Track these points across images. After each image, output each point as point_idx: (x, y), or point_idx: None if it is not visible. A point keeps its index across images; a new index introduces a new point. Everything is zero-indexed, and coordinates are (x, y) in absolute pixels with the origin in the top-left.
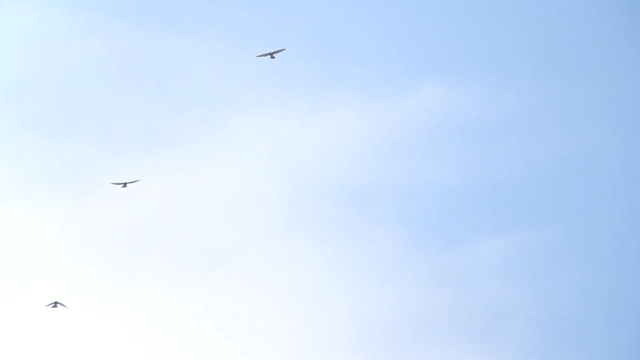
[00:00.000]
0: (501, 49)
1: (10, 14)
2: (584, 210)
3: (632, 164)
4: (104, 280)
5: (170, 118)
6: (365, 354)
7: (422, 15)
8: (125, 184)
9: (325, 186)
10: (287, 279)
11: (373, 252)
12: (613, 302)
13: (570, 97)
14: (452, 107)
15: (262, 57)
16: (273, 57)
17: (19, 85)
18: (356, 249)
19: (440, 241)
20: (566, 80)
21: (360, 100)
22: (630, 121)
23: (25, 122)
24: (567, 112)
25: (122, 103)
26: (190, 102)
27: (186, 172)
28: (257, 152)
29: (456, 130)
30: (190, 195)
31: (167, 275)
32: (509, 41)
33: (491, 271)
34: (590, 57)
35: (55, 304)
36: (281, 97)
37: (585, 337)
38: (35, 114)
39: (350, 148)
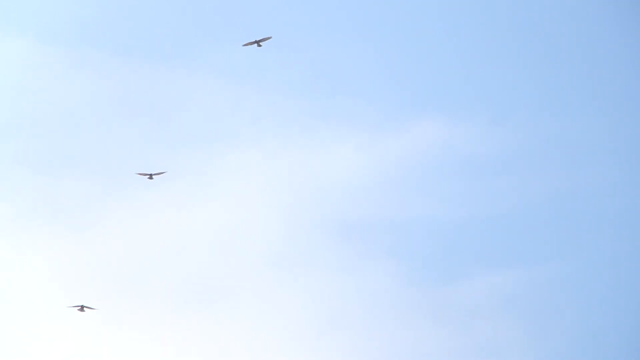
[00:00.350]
0: (499, 84)
1: (7, 49)
2: (581, 247)
3: (630, 200)
4: (99, 317)
5: (167, 154)
6: None
7: (419, 51)
8: (151, 176)
9: (322, 221)
10: (282, 314)
11: (369, 287)
12: (611, 338)
13: (569, 133)
14: (449, 143)
15: (249, 46)
16: (260, 46)
17: (15, 121)
18: (353, 284)
19: (437, 277)
20: (564, 116)
21: (357, 136)
22: (628, 157)
23: (20, 159)
24: (565, 147)
25: (119, 139)
26: (186, 138)
27: (183, 208)
28: (253, 188)
29: (454, 166)
30: (186, 230)
31: (164, 311)
32: (506, 76)
33: (488, 307)
34: (588, 93)
35: (82, 308)
36: (278, 132)
37: None
38: (31, 150)
39: (347, 183)
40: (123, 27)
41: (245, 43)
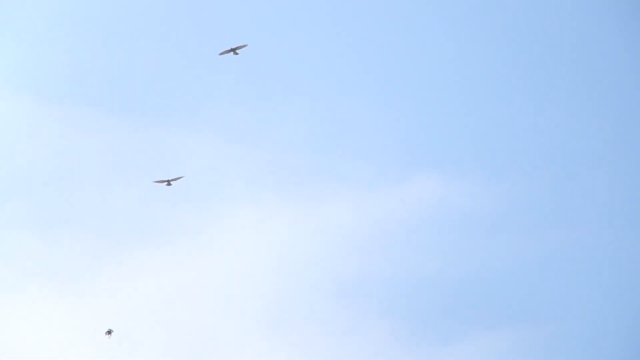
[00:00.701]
0: (493, 142)
1: (7, 109)
2: (577, 305)
3: (624, 258)
4: None
5: (165, 212)
6: None
7: (415, 109)
8: (169, 182)
9: (319, 279)
10: None
11: (366, 345)
12: None
13: (564, 191)
14: (445, 200)
15: (225, 54)
16: (236, 54)
17: (15, 181)
18: (349, 343)
19: (433, 335)
20: (560, 175)
21: (354, 193)
22: (624, 217)
23: (20, 218)
24: (560, 206)
25: (117, 198)
26: (184, 196)
27: (181, 266)
28: (251, 246)
29: (450, 224)
30: (182, 289)
31: None
32: (501, 134)
33: None
34: (582, 154)
35: (109, 332)
36: (275, 190)
37: None
38: (31, 210)
39: (344, 241)
40: (121, 85)
41: (221, 52)
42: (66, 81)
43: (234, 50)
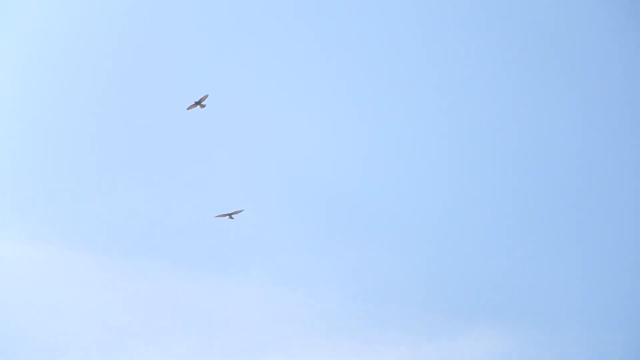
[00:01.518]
0: (551, 292)
1: (9, 258)
2: None
3: None
4: None
5: None
6: None
7: (468, 258)
8: (231, 216)
9: None
10: None
11: None
12: None
13: (620, 340)
14: (502, 353)
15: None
16: (203, 106)
17: (18, 333)
18: None
19: None
20: (614, 321)
21: (409, 343)
22: None
23: None
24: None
25: (166, 350)
26: (237, 347)
27: None
28: None
29: None
30: None
31: None
32: (558, 283)
33: None
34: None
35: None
36: (329, 339)
37: None
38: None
39: None
40: (162, 235)
41: (188, 106)
42: (107, 231)
43: (198, 103)
